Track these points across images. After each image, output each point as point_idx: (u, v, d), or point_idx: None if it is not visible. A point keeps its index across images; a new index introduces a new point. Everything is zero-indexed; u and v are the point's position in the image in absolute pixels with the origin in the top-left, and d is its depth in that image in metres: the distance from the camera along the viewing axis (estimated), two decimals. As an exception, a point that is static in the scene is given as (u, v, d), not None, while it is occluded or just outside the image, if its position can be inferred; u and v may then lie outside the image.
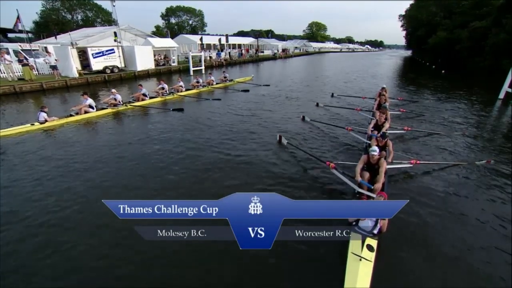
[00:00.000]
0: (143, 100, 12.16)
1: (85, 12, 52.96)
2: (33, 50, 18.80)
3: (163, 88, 13.34)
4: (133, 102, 11.73)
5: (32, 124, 8.65)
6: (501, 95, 14.43)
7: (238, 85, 17.39)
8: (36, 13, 48.36)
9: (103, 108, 10.78)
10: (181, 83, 14.47)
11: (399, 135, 8.34)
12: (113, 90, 11.35)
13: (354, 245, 3.51)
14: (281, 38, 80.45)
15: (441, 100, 14.49)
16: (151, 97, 12.74)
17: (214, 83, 16.79)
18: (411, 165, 5.78)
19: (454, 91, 17.10)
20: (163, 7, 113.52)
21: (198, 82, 15.52)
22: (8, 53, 16.89)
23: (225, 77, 17.80)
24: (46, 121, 8.89)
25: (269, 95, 14.71)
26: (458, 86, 19.31)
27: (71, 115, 9.73)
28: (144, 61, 22.12)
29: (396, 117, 10.23)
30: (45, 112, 8.98)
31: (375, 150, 4.79)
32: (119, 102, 11.11)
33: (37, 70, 17.08)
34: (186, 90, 14.64)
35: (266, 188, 5.21)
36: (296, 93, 15.49)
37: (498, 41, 24.98)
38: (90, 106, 10.26)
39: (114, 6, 20.94)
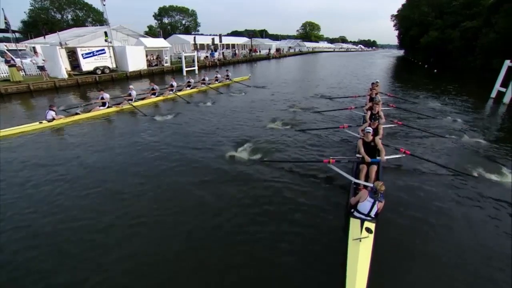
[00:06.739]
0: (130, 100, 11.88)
1: (75, 11, 52.03)
2: (20, 50, 18.25)
3: (153, 89, 13.14)
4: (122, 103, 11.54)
5: (40, 122, 8.88)
6: (493, 94, 14.59)
7: (235, 85, 17.33)
8: (24, 12, 47.35)
9: (109, 107, 10.99)
10: (174, 83, 14.22)
11: (390, 129, 8.50)
12: (131, 86, 11.90)
13: (354, 229, 3.83)
14: (275, 38, 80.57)
15: (433, 98, 14.59)
16: (140, 98, 12.54)
17: (215, 82, 16.88)
18: (402, 155, 6.07)
19: (446, 90, 17.25)
20: (156, 6, 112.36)
21: (189, 82, 15.38)
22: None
23: (216, 78, 17.60)
24: (53, 119, 9.12)
25: (264, 96, 14.58)
26: (450, 85, 19.50)
27: (77, 114, 9.98)
28: (136, 61, 21.70)
29: (387, 113, 10.27)
30: (53, 110, 9.22)
31: (369, 130, 5.46)
32: (133, 98, 11.52)
33: (24, 71, 16.58)
34: (179, 90, 14.43)
35: (261, 189, 5.26)
36: (290, 94, 15.39)
37: (488, 41, 25.35)
38: (103, 103, 10.68)
39: (104, 5, 20.45)
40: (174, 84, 13.87)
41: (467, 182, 5.63)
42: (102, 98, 10.77)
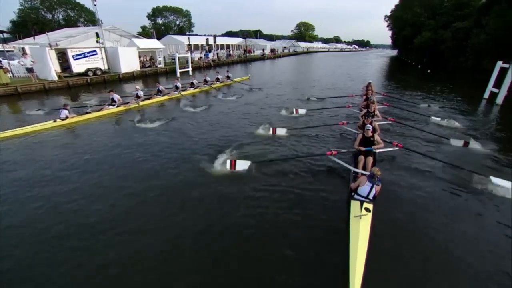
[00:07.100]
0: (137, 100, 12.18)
1: (67, 11, 51.06)
2: (7, 51, 17.76)
3: (159, 90, 13.46)
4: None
5: (55, 121, 9.31)
6: (486, 94, 14.70)
7: (235, 85, 17.55)
8: (14, 12, 46.26)
9: (118, 106, 11.28)
10: (178, 84, 14.28)
11: (384, 125, 8.83)
12: (137, 87, 12.35)
13: (354, 208, 4.35)
14: (270, 38, 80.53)
15: (427, 98, 14.66)
16: (147, 98, 12.89)
17: (216, 82, 17.10)
18: (395, 148, 6.52)
19: (440, 90, 17.39)
20: (149, 7, 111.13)
21: (193, 83, 15.50)
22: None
23: (218, 78, 17.60)
24: (67, 117, 9.51)
25: (262, 97, 14.48)
26: (443, 85, 19.65)
27: (87, 112, 10.38)
28: (129, 62, 21.33)
29: (381, 111, 10.38)
30: (66, 109, 9.56)
31: (369, 127, 6.08)
32: (139, 97, 11.96)
33: (12, 73, 16.11)
34: (183, 90, 14.55)
35: (267, 185, 5.54)
36: (286, 95, 15.32)
37: (479, 42, 25.69)
38: (112, 104, 11.06)
39: (95, 5, 20.07)
40: (179, 85, 14.20)
41: (455, 173, 5.94)
42: (113, 100, 11.08)
